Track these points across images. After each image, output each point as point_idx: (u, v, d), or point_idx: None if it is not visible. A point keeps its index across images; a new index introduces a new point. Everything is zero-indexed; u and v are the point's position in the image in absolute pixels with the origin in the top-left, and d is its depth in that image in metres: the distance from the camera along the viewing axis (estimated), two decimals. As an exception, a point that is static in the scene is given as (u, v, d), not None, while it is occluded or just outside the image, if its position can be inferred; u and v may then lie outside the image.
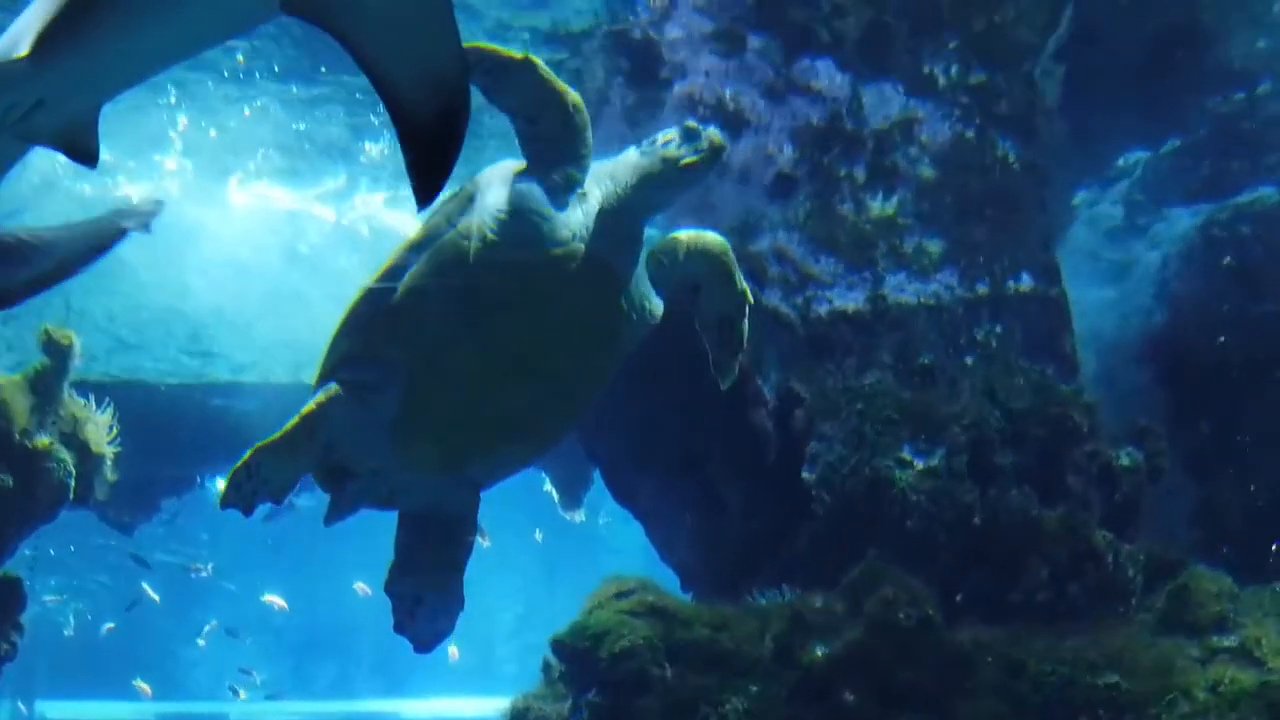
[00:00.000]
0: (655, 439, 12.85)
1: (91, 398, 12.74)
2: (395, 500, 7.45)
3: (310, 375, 7.38)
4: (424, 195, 3.87)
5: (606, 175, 6.97)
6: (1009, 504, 11.07)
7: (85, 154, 4.44)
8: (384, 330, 6.89)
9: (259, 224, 18.00)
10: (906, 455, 11.28)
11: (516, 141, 6.97)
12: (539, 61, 6.80)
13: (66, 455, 12.03)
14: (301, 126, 15.19)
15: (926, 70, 12.67)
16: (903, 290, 12.64)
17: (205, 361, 21.23)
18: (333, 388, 6.90)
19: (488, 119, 13.46)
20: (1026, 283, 13.13)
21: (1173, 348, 16.63)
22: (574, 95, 6.88)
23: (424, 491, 7.34)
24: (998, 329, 12.82)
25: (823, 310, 12.49)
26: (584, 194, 6.81)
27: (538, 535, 34.54)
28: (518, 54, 6.73)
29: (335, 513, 7.41)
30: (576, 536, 31.21)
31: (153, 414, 17.77)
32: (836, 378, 12.05)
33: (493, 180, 6.77)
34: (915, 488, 11.07)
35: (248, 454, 6.67)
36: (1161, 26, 12.89)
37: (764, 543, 11.85)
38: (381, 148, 15.59)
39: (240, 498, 6.69)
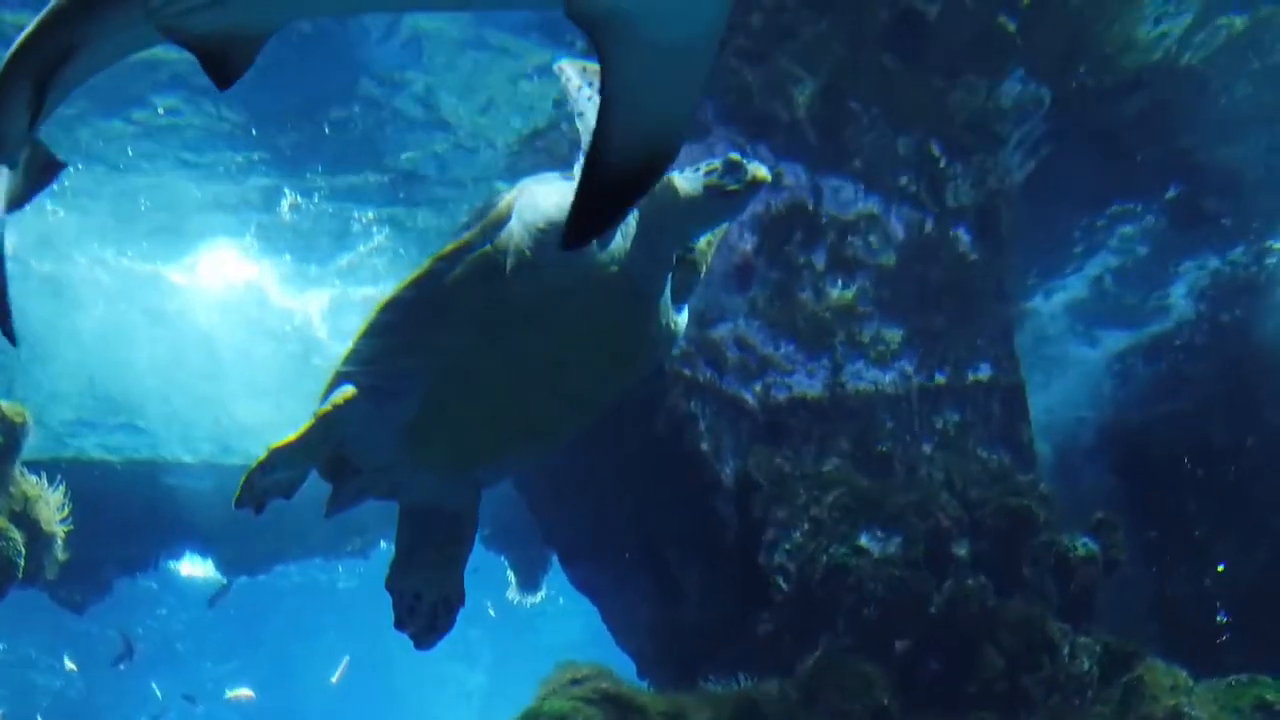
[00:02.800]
0: (613, 524, 12.80)
1: (43, 475, 12.61)
2: (397, 494, 7.43)
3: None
4: (577, 239, 3.77)
5: (647, 196, 6.98)
6: (965, 594, 11.04)
7: (227, 71, 3.86)
8: (409, 337, 6.83)
9: (134, 287, 17.69)
10: (864, 543, 11.26)
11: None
12: None
13: (16, 534, 11.86)
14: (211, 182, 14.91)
15: (887, 160, 12.84)
16: (861, 378, 12.71)
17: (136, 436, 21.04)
18: (349, 390, 6.85)
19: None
20: (985, 372, 13.22)
21: (1129, 440, 16.81)
22: None
23: (427, 488, 7.32)
24: (956, 418, 12.88)
25: (782, 397, 12.52)
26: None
27: (490, 611, 34.18)
28: None
29: (337, 504, 7.36)
30: (519, 620, 31.04)
31: (105, 492, 17.63)
32: (795, 464, 12.05)
33: (535, 195, 6.65)
34: (872, 576, 11.04)
35: (264, 454, 6.62)
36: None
37: (721, 629, 11.78)
38: (295, 199, 15.39)
39: (253, 498, 6.67)
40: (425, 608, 7.38)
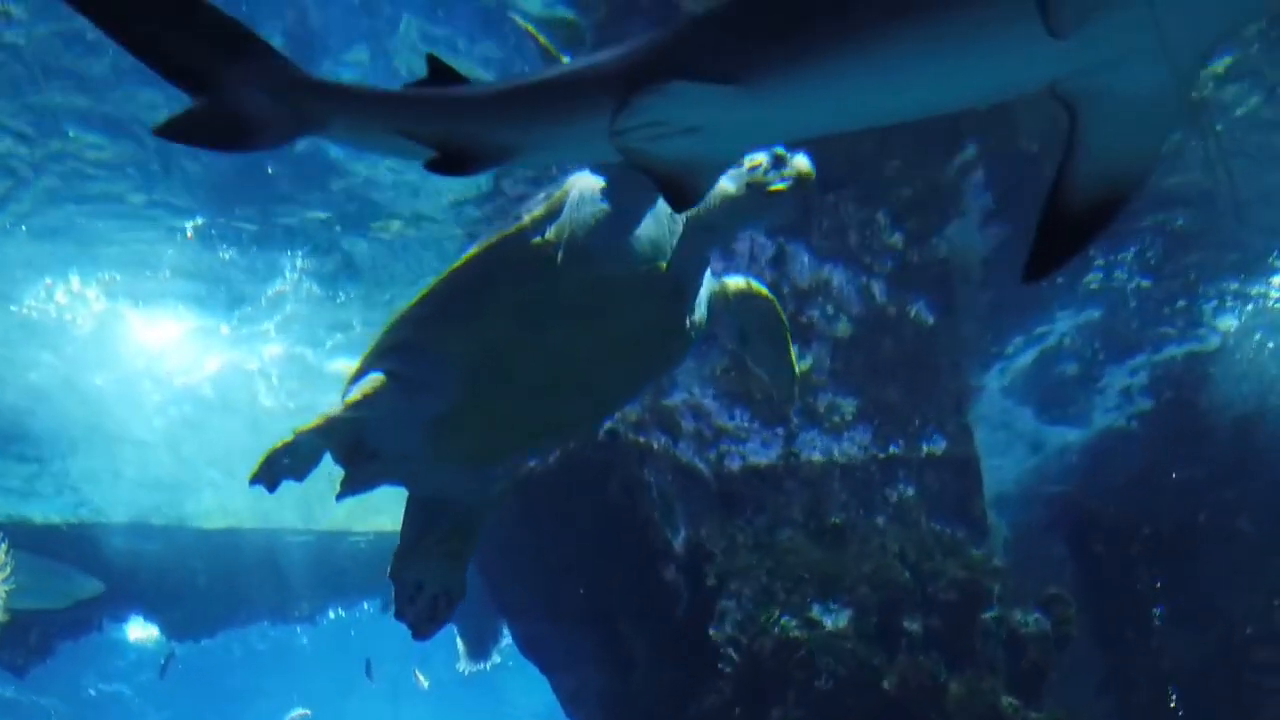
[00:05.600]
0: (566, 591, 12.69)
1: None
2: (411, 483, 7.34)
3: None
4: (1037, 275, 3.78)
5: None
6: (917, 668, 10.98)
7: (686, 197, 3.77)
8: (450, 327, 6.72)
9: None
10: (816, 615, 11.20)
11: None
12: None
13: (-46, 593, 11.68)
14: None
15: (844, 230, 12.90)
16: (815, 448, 12.70)
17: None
18: (379, 378, 6.76)
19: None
20: (939, 444, 13.24)
21: (1084, 516, 16.82)
22: None
23: (442, 479, 7.23)
24: (909, 490, 12.88)
25: (735, 466, 12.51)
26: (669, 212, 6.77)
27: (423, 680, 33.60)
28: None
29: (349, 488, 7.23)
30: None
31: (49, 554, 17.36)
32: (747, 534, 12.00)
33: (585, 191, 6.59)
34: (824, 648, 10.97)
35: (290, 436, 6.52)
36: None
37: (671, 700, 11.66)
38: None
39: (270, 477, 6.57)
40: (426, 598, 7.33)
